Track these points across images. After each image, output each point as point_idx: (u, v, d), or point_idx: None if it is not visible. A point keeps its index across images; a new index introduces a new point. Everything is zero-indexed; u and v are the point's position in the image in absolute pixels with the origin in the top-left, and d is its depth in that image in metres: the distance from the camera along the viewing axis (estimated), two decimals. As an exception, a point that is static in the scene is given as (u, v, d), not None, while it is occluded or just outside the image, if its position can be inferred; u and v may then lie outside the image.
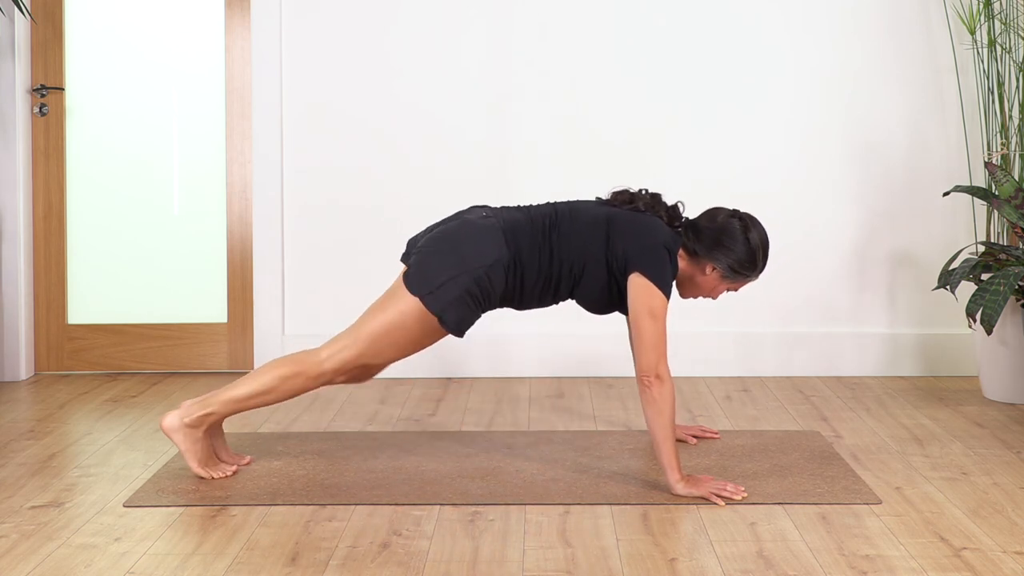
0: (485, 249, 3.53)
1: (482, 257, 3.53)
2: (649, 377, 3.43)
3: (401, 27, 5.22)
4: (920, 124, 5.22)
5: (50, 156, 5.28)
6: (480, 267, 3.52)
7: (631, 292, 3.51)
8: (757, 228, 3.60)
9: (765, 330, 5.26)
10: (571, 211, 3.64)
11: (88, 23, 5.30)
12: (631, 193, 3.69)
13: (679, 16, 5.20)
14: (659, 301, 3.48)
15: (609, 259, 3.56)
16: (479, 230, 3.57)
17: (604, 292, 3.62)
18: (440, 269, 3.52)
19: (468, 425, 4.35)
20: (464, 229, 3.59)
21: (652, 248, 3.52)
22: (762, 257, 3.59)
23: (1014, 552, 3.01)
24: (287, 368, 3.60)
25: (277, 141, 5.22)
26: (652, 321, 3.46)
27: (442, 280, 3.51)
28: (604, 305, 3.68)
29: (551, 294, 3.65)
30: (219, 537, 3.15)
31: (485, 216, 3.63)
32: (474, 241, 3.55)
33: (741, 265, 3.58)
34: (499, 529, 3.20)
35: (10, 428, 4.32)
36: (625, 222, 3.58)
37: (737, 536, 3.13)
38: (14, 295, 5.19)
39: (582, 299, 3.68)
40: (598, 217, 3.61)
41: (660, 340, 3.45)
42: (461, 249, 3.54)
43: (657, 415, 3.43)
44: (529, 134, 5.23)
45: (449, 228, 3.61)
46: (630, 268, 3.52)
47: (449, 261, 3.53)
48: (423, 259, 3.57)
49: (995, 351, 4.68)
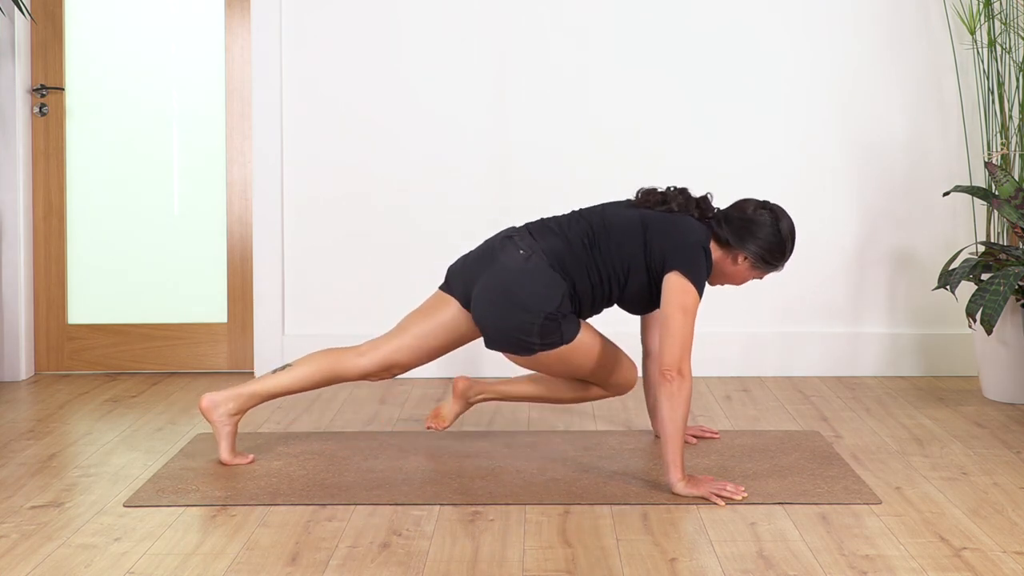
0: (547, 294, 3.61)
1: (548, 303, 3.61)
2: (671, 372, 3.46)
3: (401, 26, 5.22)
4: (920, 124, 5.22)
5: (50, 156, 5.28)
6: (551, 309, 3.61)
7: (667, 289, 3.56)
8: (786, 219, 3.69)
9: (765, 330, 5.26)
10: (604, 223, 3.70)
11: (88, 23, 5.30)
12: (662, 193, 3.75)
13: (679, 16, 5.20)
14: (692, 299, 3.53)
15: (648, 262, 3.64)
16: (533, 275, 3.63)
17: (646, 293, 3.71)
18: (511, 325, 3.62)
19: (468, 425, 4.35)
20: (518, 276, 3.64)
21: (688, 246, 3.59)
22: (790, 247, 3.69)
23: (1014, 552, 3.01)
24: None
25: (277, 141, 5.22)
26: (684, 317, 3.51)
27: (527, 334, 3.62)
28: (645, 305, 3.76)
29: (603, 303, 3.76)
30: (219, 537, 3.15)
31: (525, 256, 3.66)
32: (532, 287, 3.62)
33: (771, 255, 3.66)
34: (499, 529, 3.20)
35: (10, 428, 4.32)
36: (661, 224, 3.66)
37: (737, 536, 3.13)
38: (14, 295, 5.19)
39: (625, 302, 3.78)
40: (633, 223, 3.67)
41: (688, 337, 3.50)
42: (523, 300, 3.61)
43: (672, 410, 3.44)
44: (531, 132, 5.23)
45: (502, 274, 3.66)
46: (668, 267, 3.58)
47: (517, 316, 3.61)
48: (494, 327, 3.66)
49: (995, 351, 4.68)
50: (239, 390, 3.77)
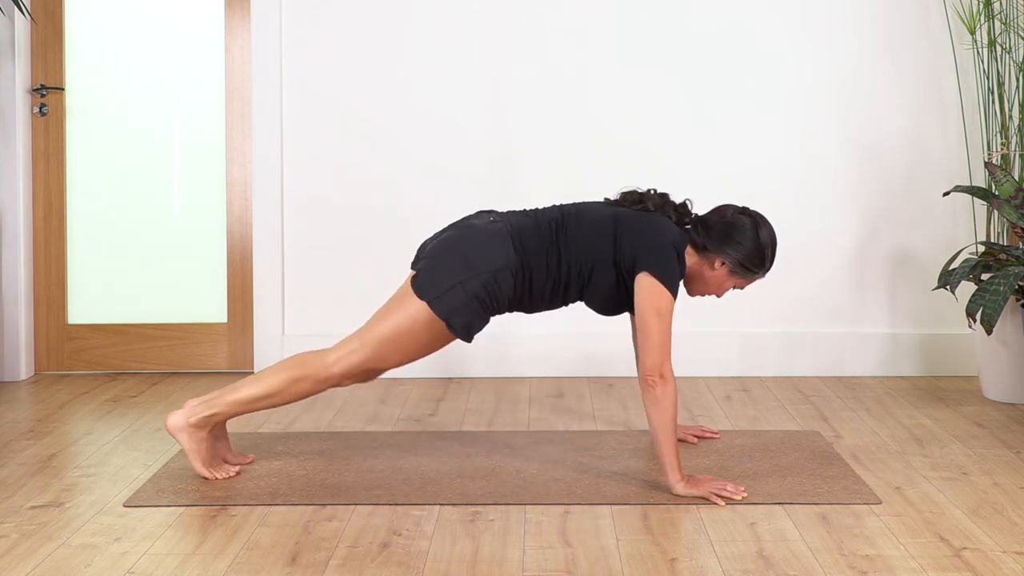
0: (493, 254, 3.54)
1: (490, 262, 3.53)
2: (653, 377, 3.44)
3: (401, 26, 5.22)
4: (920, 124, 5.22)
5: (50, 156, 5.28)
6: (488, 271, 3.52)
7: (638, 291, 3.50)
8: (766, 225, 3.61)
9: (765, 330, 5.26)
10: (577, 212, 3.65)
11: (88, 23, 5.30)
12: (640, 193, 3.69)
13: (679, 16, 5.20)
14: (666, 301, 3.48)
15: (617, 259, 3.56)
16: (486, 235, 3.57)
17: (613, 293, 3.62)
18: (448, 274, 3.53)
19: (468, 425, 4.35)
20: (471, 234, 3.59)
21: (660, 247, 3.52)
22: (771, 254, 3.60)
23: (1014, 552, 3.01)
24: (294, 371, 3.61)
25: (277, 141, 5.22)
26: (658, 320, 3.46)
27: (449, 285, 3.52)
28: (613, 306, 3.68)
29: (560, 296, 3.65)
30: (219, 537, 3.15)
31: (492, 221, 3.63)
32: (482, 246, 3.55)
33: (751, 261, 3.59)
34: (499, 529, 3.20)
35: (10, 428, 4.32)
36: (633, 221, 3.59)
37: (737, 536, 3.13)
38: (14, 295, 5.19)
39: (591, 300, 3.68)
40: (605, 217, 3.61)
41: (665, 340, 3.46)
42: (468, 254, 3.54)
43: (660, 415, 3.43)
44: (531, 132, 5.23)
45: (456, 234, 3.62)
46: (638, 267, 3.52)
47: (456, 266, 3.53)
48: (430, 264, 3.57)
49: (995, 351, 4.68)
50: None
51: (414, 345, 3.59)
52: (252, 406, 3.63)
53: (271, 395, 3.61)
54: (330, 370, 3.60)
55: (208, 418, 3.61)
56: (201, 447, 3.62)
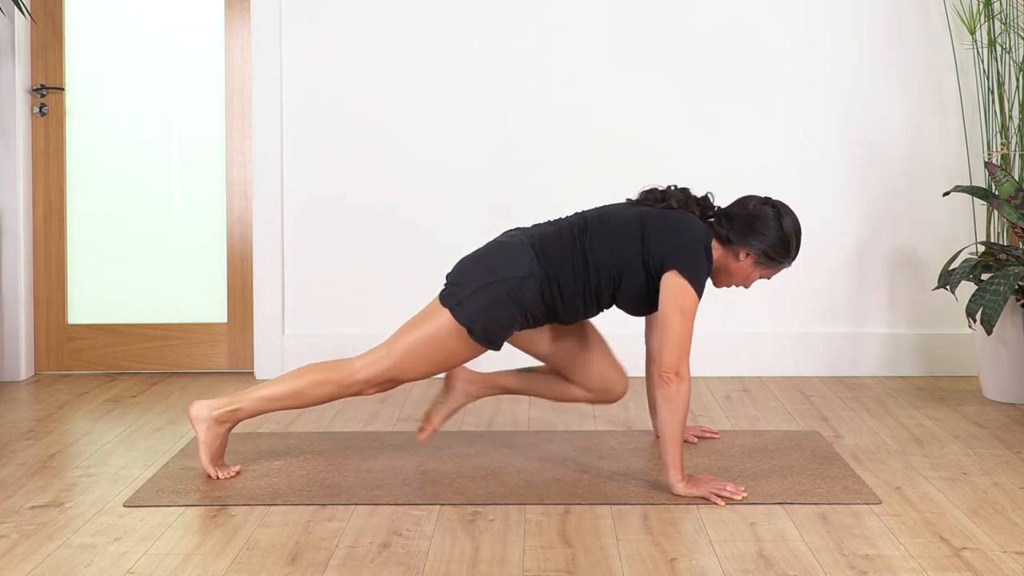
0: (515, 262, 3.56)
1: (513, 270, 3.55)
2: (669, 374, 3.44)
3: (401, 26, 5.22)
4: (920, 124, 5.22)
5: (50, 156, 5.28)
6: (512, 279, 3.54)
7: (664, 289, 3.51)
8: (790, 214, 3.61)
9: (765, 330, 5.26)
10: (600, 216, 3.65)
11: (88, 23, 5.30)
12: (661, 191, 3.70)
13: (679, 16, 5.20)
14: (691, 300, 3.49)
15: (646, 259, 3.57)
16: (509, 246, 3.61)
17: (643, 293, 3.62)
18: (471, 282, 3.56)
19: (468, 425, 4.35)
20: (496, 247, 3.63)
21: (687, 246, 3.53)
22: (795, 243, 3.60)
23: (1014, 552, 3.01)
24: (320, 374, 3.63)
25: (277, 141, 5.22)
26: (681, 319, 3.47)
27: (471, 291, 3.54)
28: (644, 306, 3.68)
29: (594, 301, 3.65)
30: (219, 537, 3.15)
31: (514, 234, 3.67)
32: (504, 256, 3.58)
33: (775, 251, 3.59)
34: (499, 529, 3.20)
35: (10, 428, 4.32)
36: (659, 220, 3.59)
37: (737, 536, 3.13)
38: (14, 295, 5.19)
39: (623, 303, 3.68)
40: (630, 218, 3.61)
41: (686, 339, 3.47)
42: (492, 264, 3.57)
43: (671, 412, 3.44)
44: (531, 132, 5.23)
45: (484, 248, 3.66)
46: (667, 266, 3.52)
47: (480, 274, 3.56)
48: (457, 275, 3.61)
49: (995, 351, 4.68)
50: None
51: (439, 355, 3.61)
52: (274, 405, 3.64)
53: (294, 395, 3.63)
54: (355, 376, 3.61)
55: (231, 412, 3.64)
56: (215, 443, 3.66)
